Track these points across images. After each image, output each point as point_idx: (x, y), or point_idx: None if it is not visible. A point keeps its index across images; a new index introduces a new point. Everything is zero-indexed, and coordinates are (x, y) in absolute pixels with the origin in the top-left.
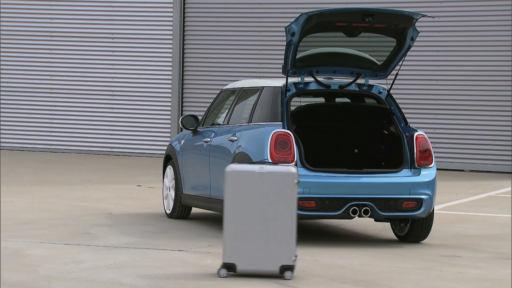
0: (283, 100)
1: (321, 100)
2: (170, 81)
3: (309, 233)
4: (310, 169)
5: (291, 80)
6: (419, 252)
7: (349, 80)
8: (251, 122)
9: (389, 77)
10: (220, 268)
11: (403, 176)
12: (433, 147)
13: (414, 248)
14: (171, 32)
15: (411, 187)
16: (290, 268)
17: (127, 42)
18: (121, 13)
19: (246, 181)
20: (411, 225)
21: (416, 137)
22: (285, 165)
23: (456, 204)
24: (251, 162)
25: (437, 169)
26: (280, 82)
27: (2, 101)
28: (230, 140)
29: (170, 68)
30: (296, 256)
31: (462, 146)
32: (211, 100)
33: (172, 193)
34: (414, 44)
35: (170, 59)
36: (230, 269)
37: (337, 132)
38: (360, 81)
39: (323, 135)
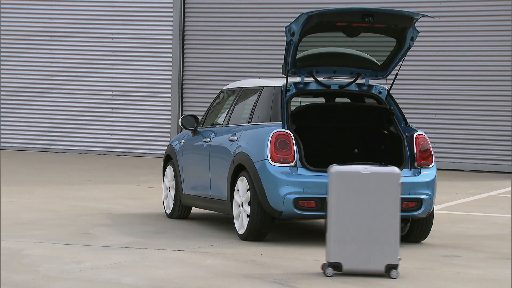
0: (283, 100)
1: (321, 100)
2: (170, 81)
3: (309, 233)
4: (310, 169)
5: (291, 80)
6: (419, 252)
7: (349, 80)
8: (251, 122)
9: (389, 77)
10: (326, 267)
11: (403, 176)
12: (433, 147)
13: (414, 248)
14: (171, 32)
15: (411, 187)
16: (395, 267)
17: (127, 42)
18: (121, 13)
19: (350, 182)
20: (411, 225)
21: (416, 137)
22: (388, 166)
23: (456, 204)
24: (355, 163)
25: (437, 169)
26: (280, 82)
27: (2, 101)
28: (230, 140)
29: (170, 68)
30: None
31: (462, 146)
32: (211, 100)
33: (172, 193)
34: (414, 44)
35: (170, 59)
36: (336, 268)
37: (337, 132)
38: (360, 81)
39: (323, 135)
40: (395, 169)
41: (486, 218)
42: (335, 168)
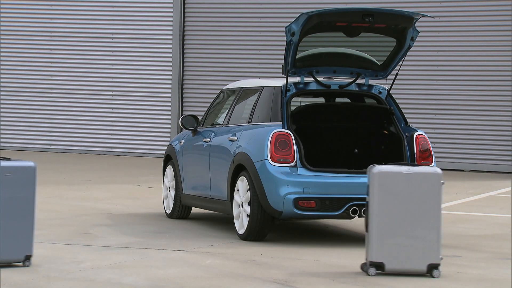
0: (283, 100)
1: (321, 100)
2: (170, 81)
3: (309, 233)
4: (310, 169)
5: (291, 80)
6: None
7: (349, 80)
8: (251, 122)
9: (389, 77)
10: (368, 267)
11: None
12: (433, 147)
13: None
14: (171, 32)
15: None
16: (437, 266)
17: (127, 42)
18: (121, 13)
19: (392, 182)
20: None
21: (416, 137)
22: (430, 166)
23: (456, 204)
24: (396, 163)
25: None
26: (280, 82)
27: (2, 101)
28: (230, 140)
29: (170, 68)
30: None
31: (462, 146)
32: (211, 100)
33: (172, 193)
34: (414, 44)
35: (170, 59)
36: (378, 268)
37: (337, 132)
38: (360, 81)
39: (323, 135)
40: (437, 169)
41: (486, 218)
42: (377, 168)
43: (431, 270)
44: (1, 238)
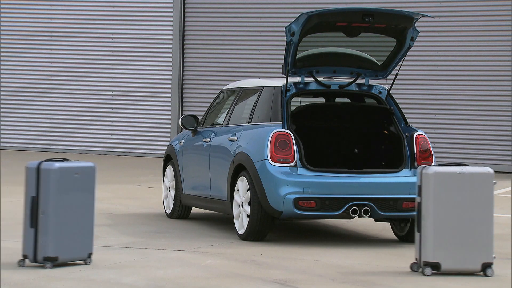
0: (283, 100)
1: (321, 100)
2: (170, 81)
3: (309, 233)
4: (310, 169)
5: (291, 80)
6: None
7: (349, 80)
8: (251, 122)
9: (389, 77)
10: (424, 267)
11: (403, 176)
12: (433, 147)
13: (414, 248)
14: (171, 32)
15: (411, 187)
16: (490, 265)
17: (127, 42)
18: (121, 13)
19: (447, 182)
20: (411, 225)
21: (416, 137)
22: (482, 166)
23: None
24: (449, 163)
25: None
26: (280, 82)
27: (2, 101)
28: (230, 140)
29: (170, 68)
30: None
31: (462, 146)
32: (211, 100)
33: (172, 193)
34: (414, 44)
35: (170, 59)
36: (434, 268)
37: (337, 132)
38: (360, 81)
39: (323, 135)
40: (489, 169)
41: None
42: (433, 169)
43: (485, 269)
44: (68, 236)
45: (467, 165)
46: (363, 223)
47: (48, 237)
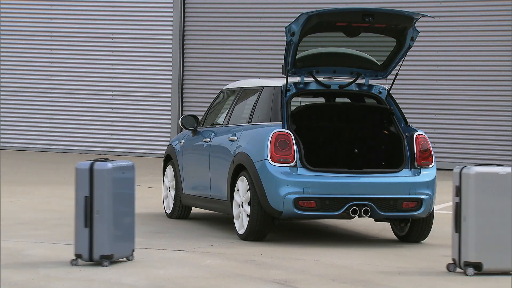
0: (283, 100)
1: (321, 100)
2: (170, 81)
3: (309, 233)
4: (310, 169)
5: (291, 80)
6: (419, 252)
7: (349, 80)
8: (251, 122)
9: (389, 77)
10: (465, 267)
11: (403, 176)
12: (433, 147)
13: (414, 248)
14: (171, 32)
15: (411, 187)
16: None
17: (127, 42)
18: (121, 13)
19: (488, 182)
20: (411, 225)
21: (416, 137)
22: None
23: None
24: (488, 164)
25: (437, 169)
26: (280, 82)
27: (2, 101)
28: (230, 140)
29: (170, 68)
30: None
31: (462, 146)
32: (211, 100)
33: (172, 193)
34: (414, 44)
35: (170, 59)
36: (477, 268)
37: (337, 132)
38: (360, 81)
39: (323, 135)
40: None
41: None
42: (474, 169)
43: None
44: (118, 235)
45: (502, 165)
46: (363, 223)
47: (104, 236)
